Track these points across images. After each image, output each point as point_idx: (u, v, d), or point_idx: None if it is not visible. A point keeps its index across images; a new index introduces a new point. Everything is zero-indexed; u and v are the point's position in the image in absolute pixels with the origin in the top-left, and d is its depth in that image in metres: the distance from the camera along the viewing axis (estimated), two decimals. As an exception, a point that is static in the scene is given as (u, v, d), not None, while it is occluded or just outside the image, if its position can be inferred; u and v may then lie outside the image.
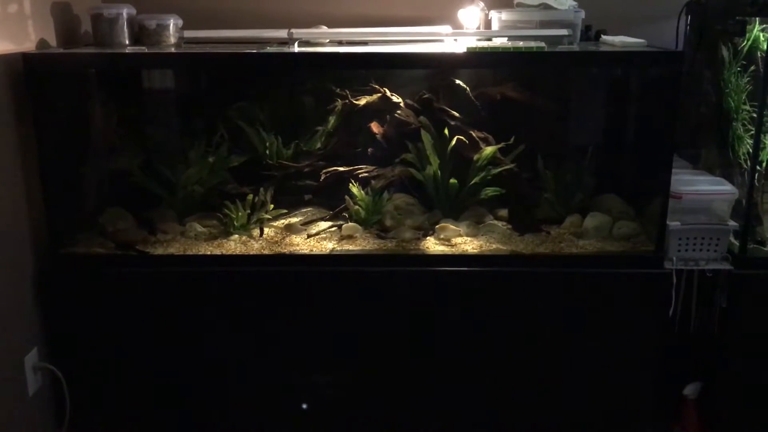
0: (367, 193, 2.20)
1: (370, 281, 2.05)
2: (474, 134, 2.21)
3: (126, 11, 2.11)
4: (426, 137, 2.19)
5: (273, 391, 2.13)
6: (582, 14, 2.16)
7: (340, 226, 2.18)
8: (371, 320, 2.07)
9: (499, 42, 2.11)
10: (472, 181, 2.21)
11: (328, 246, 2.10)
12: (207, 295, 2.06)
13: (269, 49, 2.05)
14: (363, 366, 2.11)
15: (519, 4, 2.26)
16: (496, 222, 2.21)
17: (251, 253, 2.07)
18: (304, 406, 2.12)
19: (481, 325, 2.07)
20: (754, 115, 2.01)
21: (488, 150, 2.19)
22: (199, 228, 2.17)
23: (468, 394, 2.12)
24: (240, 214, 2.16)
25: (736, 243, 2.06)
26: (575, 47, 2.12)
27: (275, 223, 2.21)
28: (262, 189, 2.20)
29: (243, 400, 2.13)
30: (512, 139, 2.19)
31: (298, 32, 2.09)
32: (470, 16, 2.30)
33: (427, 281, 2.05)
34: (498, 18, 2.19)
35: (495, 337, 2.08)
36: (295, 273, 2.05)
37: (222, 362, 2.10)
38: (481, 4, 2.29)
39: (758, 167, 2.02)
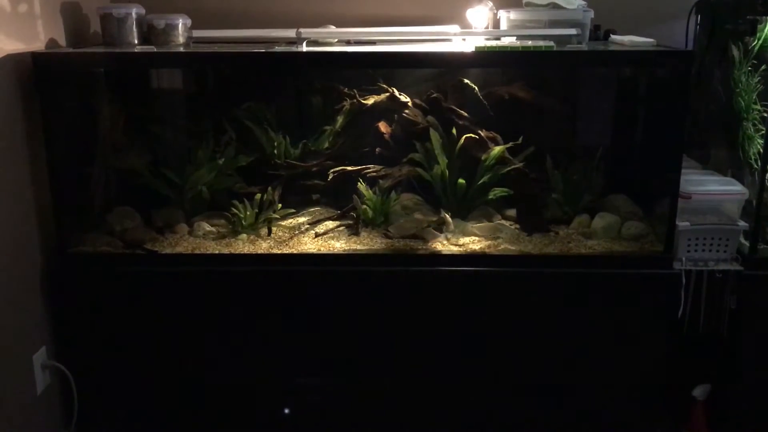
0: (374, 193, 2.19)
1: (377, 281, 2.05)
2: (482, 134, 2.21)
3: (135, 11, 2.12)
4: (434, 137, 2.18)
5: (279, 387, 2.13)
6: (591, 14, 2.15)
7: (347, 225, 2.18)
8: (380, 319, 2.07)
9: (507, 41, 2.10)
10: (480, 181, 2.20)
11: (336, 245, 2.10)
12: (215, 295, 2.06)
13: (277, 49, 2.05)
14: (370, 363, 2.11)
15: (528, 4, 2.25)
16: (504, 222, 2.21)
17: (259, 252, 2.08)
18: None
19: (488, 326, 2.06)
20: (765, 114, 2.00)
21: (496, 150, 2.18)
22: (207, 227, 2.18)
23: (474, 393, 2.12)
24: (248, 213, 2.16)
25: (746, 243, 2.05)
26: (584, 47, 2.11)
27: (283, 223, 2.21)
28: (270, 188, 2.20)
29: (252, 398, 2.13)
30: (520, 139, 2.19)
31: (306, 32, 2.09)
32: (479, 16, 2.29)
33: (434, 281, 2.04)
34: (507, 17, 2.18)
35: (502, 337, 2.07)
36: (303, 272, 2.05)
37: (229, 360, 2.10)
38: (490, 4, 2.29)
39: (768, 167, 2.01)
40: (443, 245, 2.09)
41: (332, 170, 2.26)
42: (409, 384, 2.12)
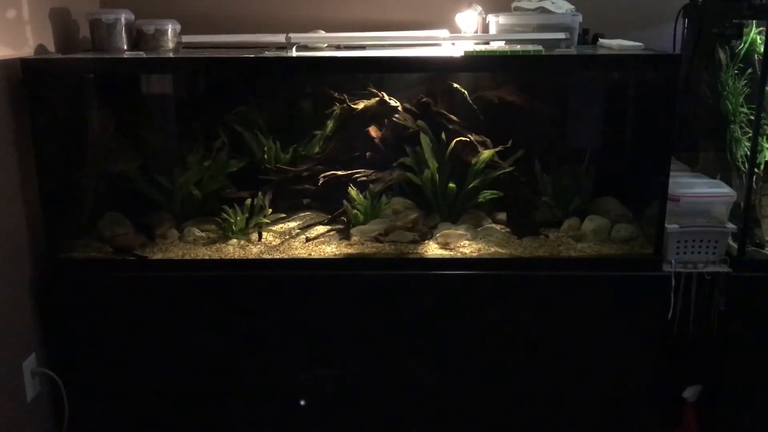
0: (365, 197, 2.20)
1: (368, 285, 2.05)
2: (472, 138, 2.22)
3: (124, 16, 2.12)
4: (424, 141, 2.19)
5: (271, 394, 2.13)
6: (579, 18, 2.17)
7: (338, 230, 2.18)
8: (369, 324, 2.07)
9: (496, 46, 2.11)
10: (471, 185, 2.21)
11: (327, 249, 2.10)
12: (205, 300, 2.06)
13: (267, 54, 2.05)
14: (361, 369, 2.11)
15: (516, 8, 2.26)
16: (494, 225, 2.21)
17: (250, 257, 2.07)
18: (302, 402, 2.12)
19: (478, 329, 2.07)
20: (752, 117, 2.02)
21: (486, 153, 2.19)
22: (198, 232, 2.17)
23: (465, 397, 2.12)
24: (238, 218, 2.16)
25: (735, 245, 2.06)
26: (573, 51, 2.12)
27: (274, 228, 2.21)
28: (260, 193, 2.20)
29: (241, 404, 2.13)
30: (510, 143, 2.20)
31: (296, 36, 2.10)
32: (468, 20, 2.30)
33: (425, 285, 2.05)
34: (495, 22, 2.19)
35: (493, 340, 2.07)
36: (294, 277, 2.05)
37: (220, 367, 2.10)
38: (479, 8, 2.29)
39: (756, 170, 2.02)
40: (434, 249, 2.10)
41: (323, 174, 2.26)
42: (401, 386, 2.12)
